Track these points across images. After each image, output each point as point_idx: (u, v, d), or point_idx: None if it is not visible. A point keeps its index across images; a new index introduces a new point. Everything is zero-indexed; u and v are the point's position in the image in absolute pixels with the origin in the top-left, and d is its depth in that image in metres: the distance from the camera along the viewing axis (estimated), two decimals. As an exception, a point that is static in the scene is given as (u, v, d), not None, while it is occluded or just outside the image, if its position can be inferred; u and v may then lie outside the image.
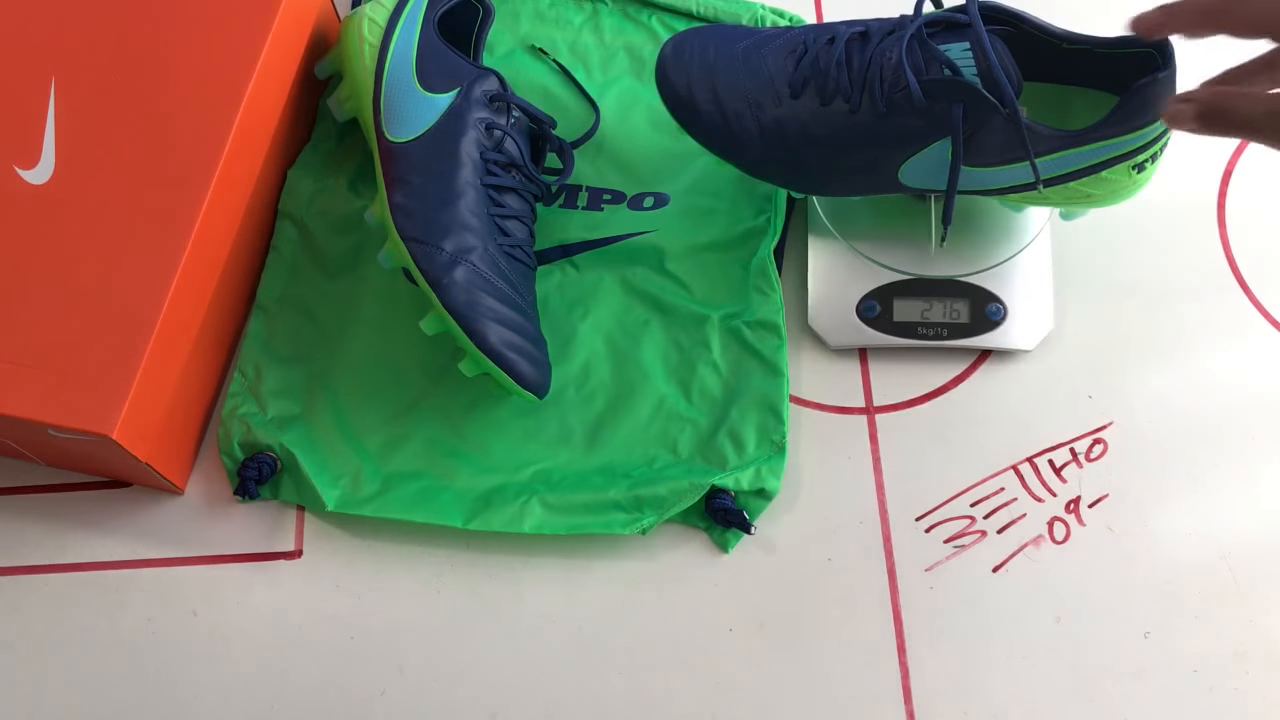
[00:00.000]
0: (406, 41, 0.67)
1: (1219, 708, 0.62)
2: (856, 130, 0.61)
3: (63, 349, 0.58)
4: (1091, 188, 0.61)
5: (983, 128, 0.59)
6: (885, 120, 0.60)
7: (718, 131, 0.64)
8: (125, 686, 0.62)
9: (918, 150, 0.61)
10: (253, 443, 0.65)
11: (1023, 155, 0.59)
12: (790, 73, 0.62)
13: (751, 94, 0.62)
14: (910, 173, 0.62)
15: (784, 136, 0.62)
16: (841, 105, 0.61)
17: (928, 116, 0.59)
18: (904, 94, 0.59)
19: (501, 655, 0.63)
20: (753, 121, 0.62)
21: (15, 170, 0.61)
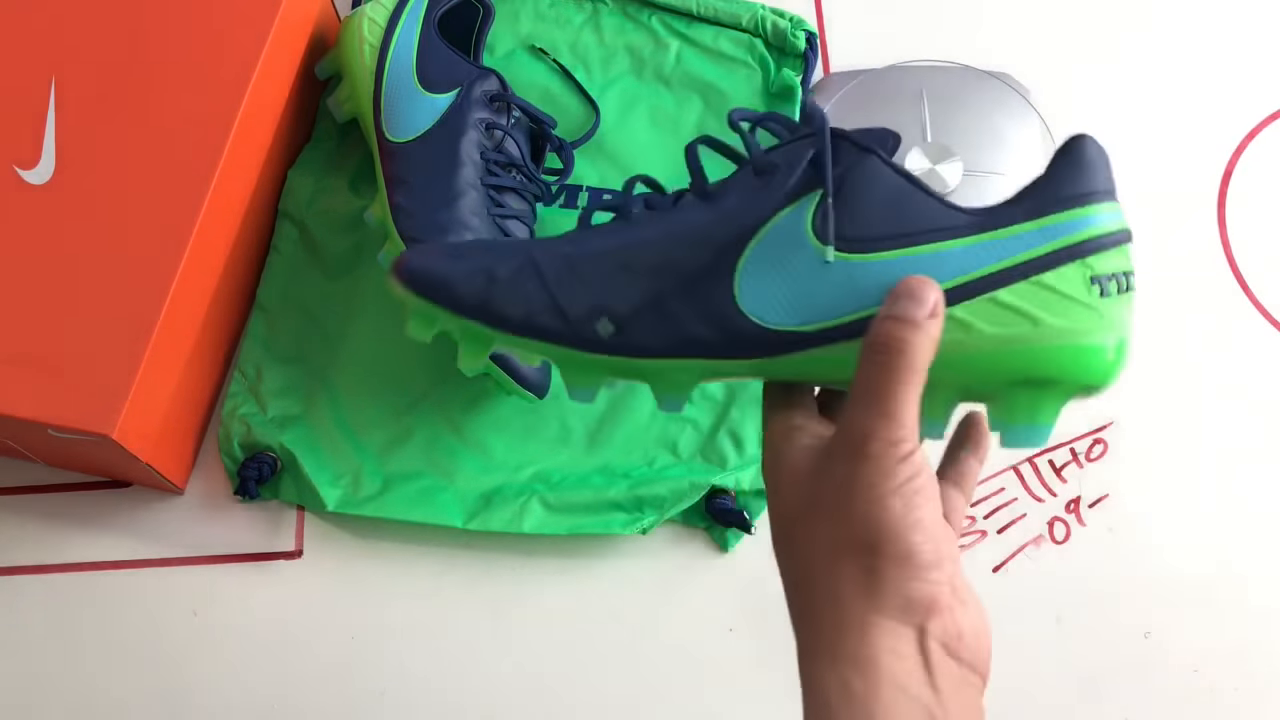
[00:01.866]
0: (406, 41, 0.67)
1: (1219, 708, 0.62)
2: (669, 224, 0.42)
3: (63, 349, 0.58)
4: (1031, 303, 0.38)
5: (851, 180, 0.40)
6: (711, 205, 0.42)
7: (474, 288, 0.43)
8: (125, 686, 0.62)
9: (758, 228, 0.40)
10: (253, 443, 0.65)
11: (925, 233, 0.39)
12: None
13: (528, 244, 0.44)
14: (752, 280, 0.40)
15: (563, 261, 0.42)
16: (650, 214, 0.43)
17: (769, 184, 0.41)
18: (744, 169, 0.43)
19: (501, 655, 0.63)
20: (519, 259, 0.43)
21: (15, 170, 0.61)
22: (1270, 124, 0.76)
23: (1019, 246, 0.38)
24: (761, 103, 0.74)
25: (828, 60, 0.77)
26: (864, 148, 0.40)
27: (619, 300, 0.41)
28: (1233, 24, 0.79)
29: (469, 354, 0.44)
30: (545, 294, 0.42)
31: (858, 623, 0.37)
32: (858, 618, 0.37)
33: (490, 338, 0.43)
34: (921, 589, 0.37)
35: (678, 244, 0.41)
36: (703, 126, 0.74)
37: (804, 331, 0.40)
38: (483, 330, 0.43)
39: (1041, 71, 0.75)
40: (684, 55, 0.76)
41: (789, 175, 0.41)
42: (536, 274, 0.42)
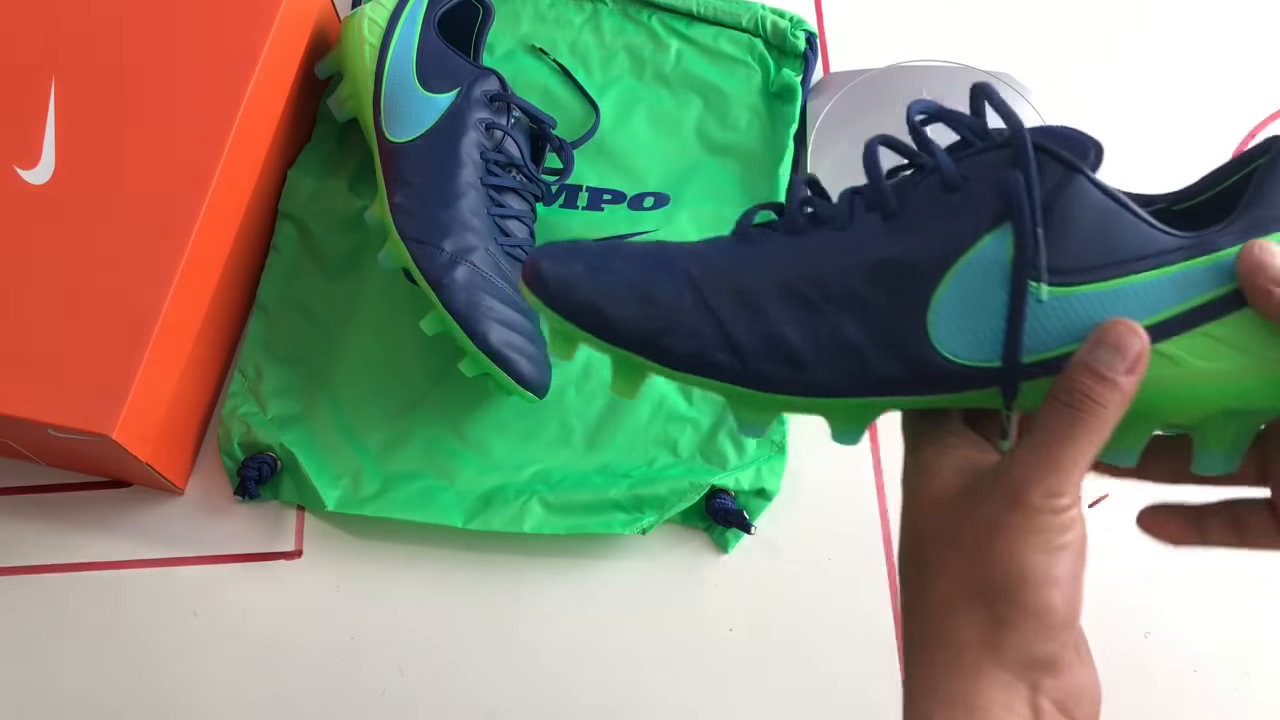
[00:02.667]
0: (406, 41, 0.67)
1: (1219, 708, 0.62)
2: (852, 249, 0.38)
3: (63, 349, 0.58)
4: (1246, 335, 0.36)
5: (1058, 205, 0.36)
6: (897, 226, 0.38)
7: (631, 314, 0.38)
8: (125, 686, 0.62)
9: (956, 258, 0.37)
10: (253, 443, 0.65)
11: (1135, 260, 0.36)
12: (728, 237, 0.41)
13: (679, 256, 0.39)
14: (948, 314, 0.37)
15: (731, 289, 0.38)
16: (819, 228, 0.39)
17: (965, 205, 0.37)
18: (927, 180, 0.38)
19: (501, 655, 0.63)
20: (679, 283, 0.38)
21: (15, 170, 0.61)
22: (1270, 124, 0.76)
23: (1233, 274, 0.35)
24: (761, 103, 0.74)
25: (828, 60, 0.77)
26: (1071, 165, 0.36)
27: (799, 336, 0.37)
28: (1233, 24, 0.79)
29: (624, 382, 0.40)
30: (715, 326, 0.38)
31: (973, 669, 0.36)
32: (974, 664, 0.36)
33: (651, 369, 0.39)
34: (1048, 648, 0.36)
35: (865, 275, 0.37)
36: (703, 126, 0.74)
37: (998, 367, 0.37)
38: (643, 363, 0.39)
39: (1041, 71, 0.75)
40: (684, 55, 0.76)
41: (987, 197, 0.36)
42: (702, 302, 0.38)
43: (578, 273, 0.38)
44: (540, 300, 0.39)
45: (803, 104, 0.74)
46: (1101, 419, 0.35)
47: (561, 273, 0.39)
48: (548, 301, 0.39)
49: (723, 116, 0.74)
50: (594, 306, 0.38)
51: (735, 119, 0.74)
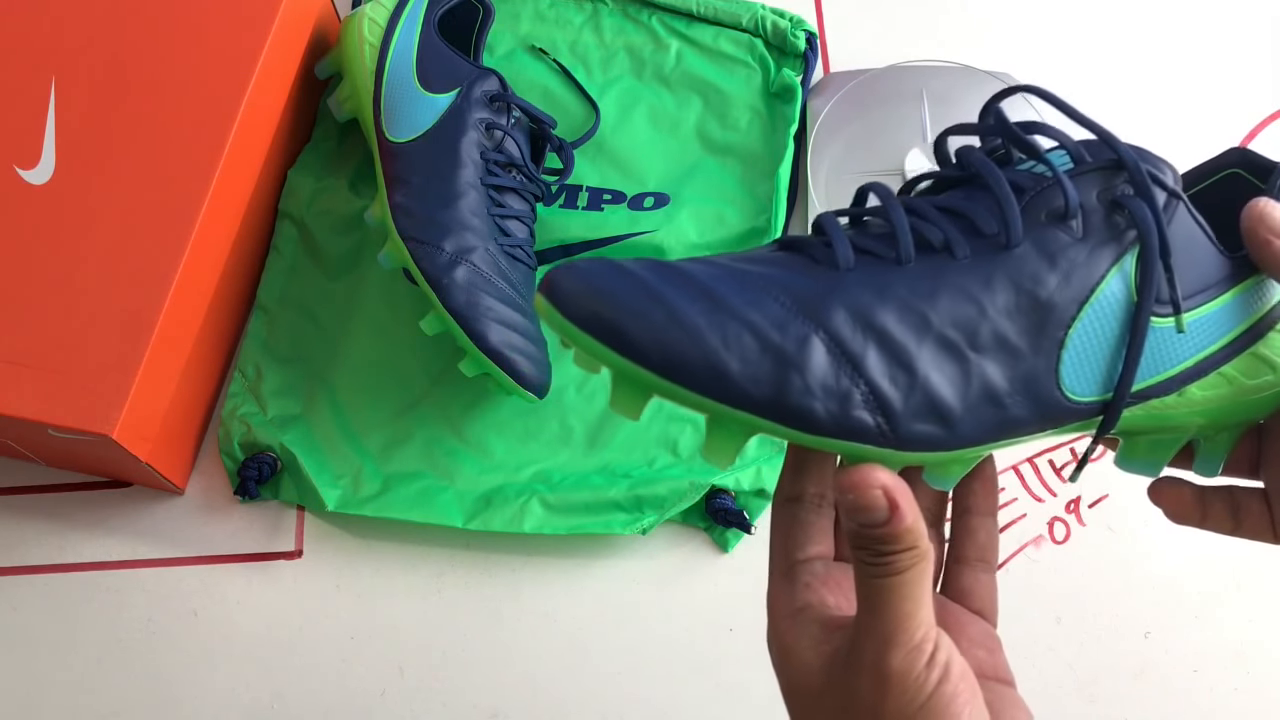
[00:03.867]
0: (406, 41, 0.67)
1: (1219, 708, 0.62)
2: (995, 283, 0.34)
3: (63, 349, 0.58)
4: (1275, 351, 0.37)
5: (1170, 233, 0.35)
6: (1028, 258, 0.35)
7: (755, 370, 0.32)
8: (125, 686, 0.62)
9: (1090, 294, 0.35)
10: (253, 443, 0.65)
11: (1215, 285, 0.36)
12: (821, 247, 0.35)
13: (781, 287, 0.33)
14: (1075, 354, 0.35)
15: (870, 331, 0.33)
16: (929, 255, 0.35)
17: (1088, 235, 0.35)
18: (1039, 199, 0.35)
19: (501, 655, 0.63)
20: (809, 325, 0.33)
21: (15, 170, 0.61)
22: (1270, 124, 0.76)
23: (1271, 292, 0.36)
24: (761, 103, 0.74)
25: (828, 60, 0.77)
26: (1174, 193, 0.35)
27: (946, 389, 0.33)
28: (1233, 24, 0.79)
29: (627, 401, 0.33)
30: (861, 383, 0.32)
31: None
32: None
33: (769, 431, 0.33)
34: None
35: (1007, 316, 0.34)
36: (703, 126, 0.74)
37: (1107, 400, 0.36)
38: (769, 426, 0.33)
39: (1041, 71, 0.75)
40: (684, 55, 0.76)
41: (1107, 227, 0.35)
42: (842, 352, 0.32)
43: (662, 320, 0.31)
44: (612, 349, 0.32)
45: (803, 104, 0.74)
46: (904, 572, 0.32)
47: (628, 307, 0.31)
48: (628, 352, 0.31)
49: (723, 116, 0.74)
50: (708, 364, 0.31)
51: (735, 119, 0.74)
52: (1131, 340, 0.35)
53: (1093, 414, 0.36)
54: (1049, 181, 0.35)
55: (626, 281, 0.32)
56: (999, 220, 0.35)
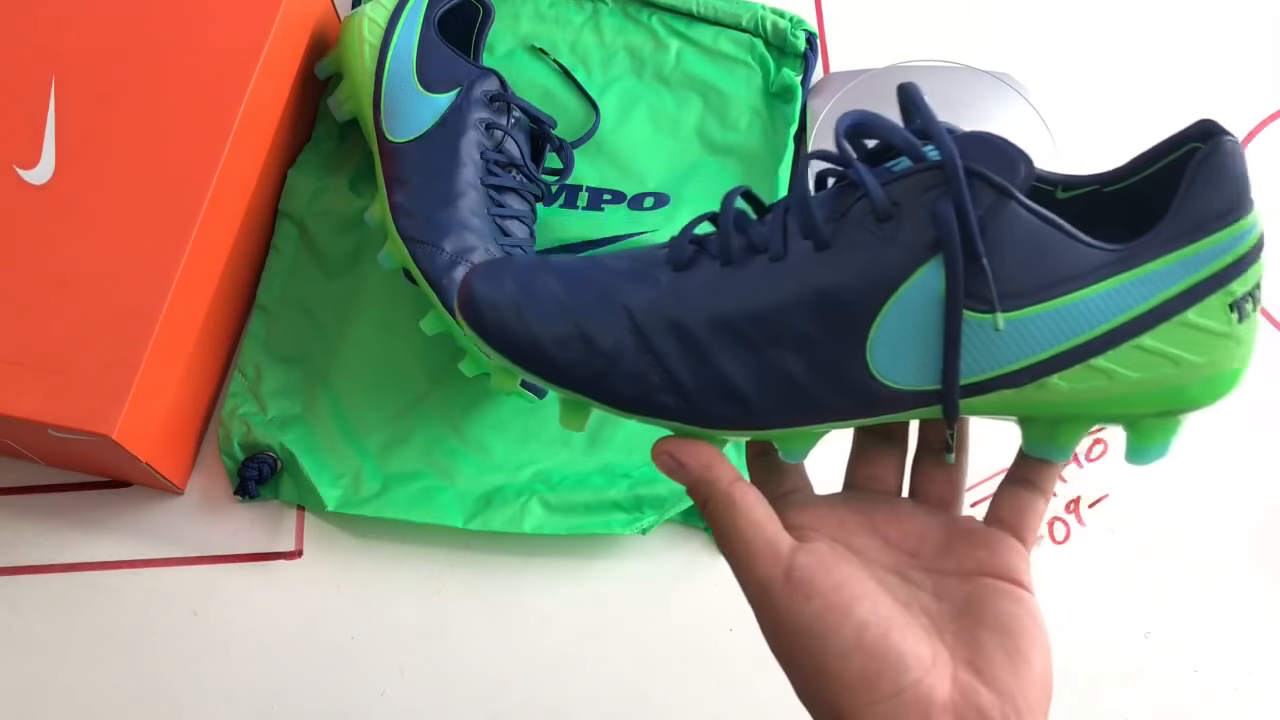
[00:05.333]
0: (406, 41, 0.67)
1: (1219, 708, 0.63)
2: (787, 285, 0.37)
3: (63, 349, 0.58)
4: (1175, 345, 0.36)
5: (992, 230, 0.36)
6: (831, 259, 0.37)
7: (575, 357, 0.38)
8: (125, 686, 0.62)
9: (892, 292, 0.37)
10: (253, 443, 0.65)
11: (1068, 280, 0.36)
12: (663, 252, 0.40)
13: (617, 288, 0.39)
14: (886, 345, 0.37)
15: (673, 330, 0.38)
16: (754, 257, 0.38)
17: (899, 235, 0.37)
18: (857, 205, 0.37)
19: (501, 655, 0.63)
20: (621, 325, 0.38)
21: (15, 170, 0.61)
22: (1270, 124, 0.76)
23: (1162, 284, 0.36)
24: (761, 103, 0.74)
25: (828, 60, 0.77)
26: (1002, 190, 0.35)
27: (742, 375, 0.38)
28: (1233, 24, 0.79)
29: (570, 415, 0.40)
30: (660, 371, 0.38)
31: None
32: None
33: (596, 408, 0.39)
34: (892, 708, 0.34)
35: (802, 312, 0.37)
36: (703, 126, 0.74)
37: (938, 390, 0.37)
38: (589, 403, 0.39)
39: (1041, 71, 0.76)
40: (684, 55, 0.76)
41: (921, 226, 0.36)
42: (645, 346, 0.38)
43: (511, 303, 0.38)
44: (479, 336, 0.39)
45: (803, 104, 0.74)
46: (716, 513, 0.39)
47: (495, 303, 0.39)
48: (488, 338, 0.39)
49: (723, 116, 0.74)
50: (537, 350, 0.38)
51: (735, 119, 0.74)
52: (946, 335, 0.36)
53: (928, 400, 0.38)
54: (859, 173, 0.37)
55: (506, 283, 0.39)
56: (823, 227, 0.38)
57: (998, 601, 0.38)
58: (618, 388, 0.38)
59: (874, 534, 0.40)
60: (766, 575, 0.37)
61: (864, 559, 0.38)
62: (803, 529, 0.39)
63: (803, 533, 0.39)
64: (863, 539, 0.39)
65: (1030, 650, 0.37)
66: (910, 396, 0.37)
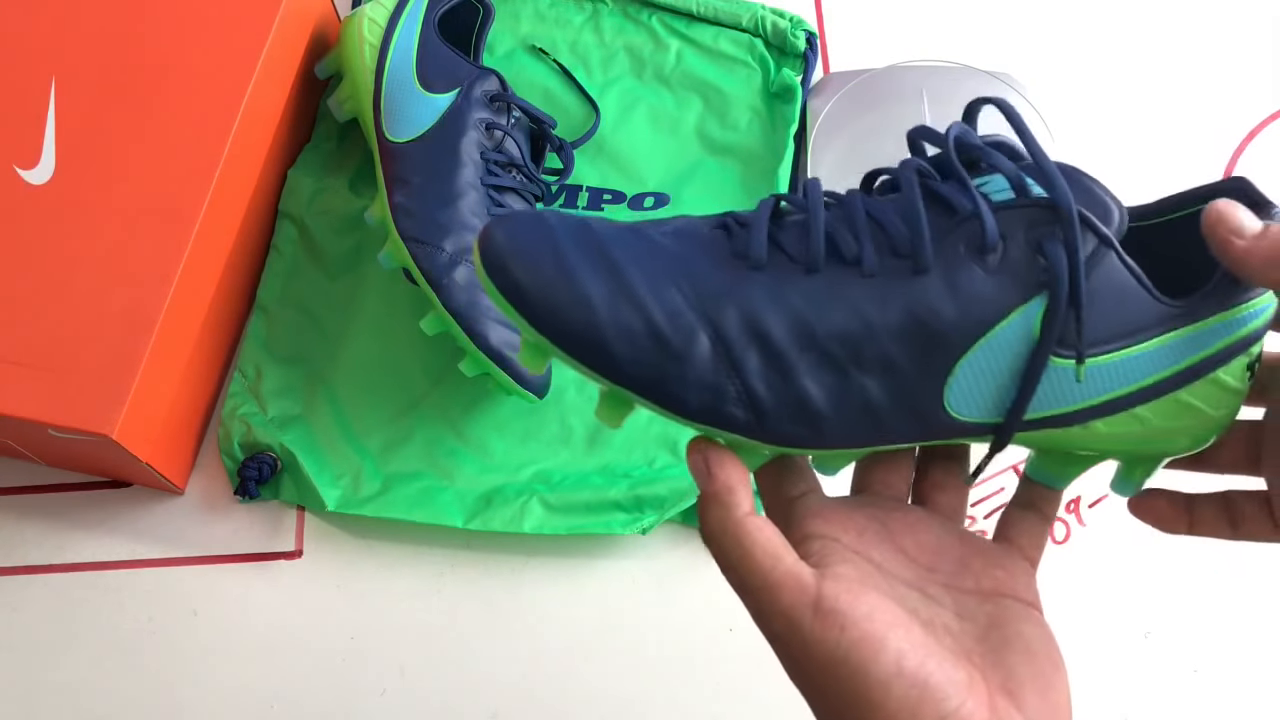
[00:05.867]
0: (406, 41, 0.67)
1: (1219, 708, 0.63)
2: (883, 308, 0.35)
3: (63, 349, 0.58)
4: (1204, 399, 0.38)
5: (1090, 279, 0.35)
6: (931, 286, 0.35)
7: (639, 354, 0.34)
8: (125, 686, 0.62)
9: (988, 329, 0.36)
10: (253, 443, 0.65)
11: (1137, 331, 0.36)
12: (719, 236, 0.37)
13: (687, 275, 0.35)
14: (965, 381, 0.36)
15: (757, 341, 0.35)
16: (841, 267, 0.36)
17: (1002, 271, 0.35)
18: (960, 229, 0.36)
19: (501, 655, 0.63)
20: (700, 322, 0.35)
21: (15, 170, 0.61)
22: (1270, 124, 0.76)
23: (1206, 342, 0.37)
24: (761, 103, 0.74)
25: (828, 60, 0.77)
26: (1105, 240, 0.35)
27: (822, 399, 0.35)
28: (1233, 24, 0.79)
29: (612, 411, 0.36)
30: (737, 382, 0.35)
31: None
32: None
33: (650, 409, 0.36)
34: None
35: (895, 339, 0.35)
36: (703, 126, 0.74)
37: (998, 424, 0.37)
38: (639, 402, 0.35)
39: (1041, 71, 0.76)
40: (684, 55, 0.76)
41: (1025, 266, 0.35)
42: (725, 354, 0.34)
43: (559, 274, 0.34)
44: (513, 305, 0.34)
45: (803, 104, 0.74)
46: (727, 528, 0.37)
47: (535, 269, 0.33)
48: (524, 310, 0.34)
49: (723, 116, 0.74)
50: (594, 338, 0.34)
51: (735, 119, 0.74)
52: (1026, 379, 0.36)
53: (983, 431, 0.37)
54: (975, 202, 0.35)
55: (544, 242, 0.34)
56: (915, 241, 0.35)
57: (1020, 625, 0.38)
58: (685, 394, 0.35)
59: (892, 545, 0.39)
60: (792, 606, 0.35)
61: (884, 573, 0.37)
62: (822, 538, 0.38)
63: (822, 542, 0.38)
64: (881, 551, 0.38)
65: (1054, 675, 0.37)
66: (970, 427, 0.37)
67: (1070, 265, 0.35)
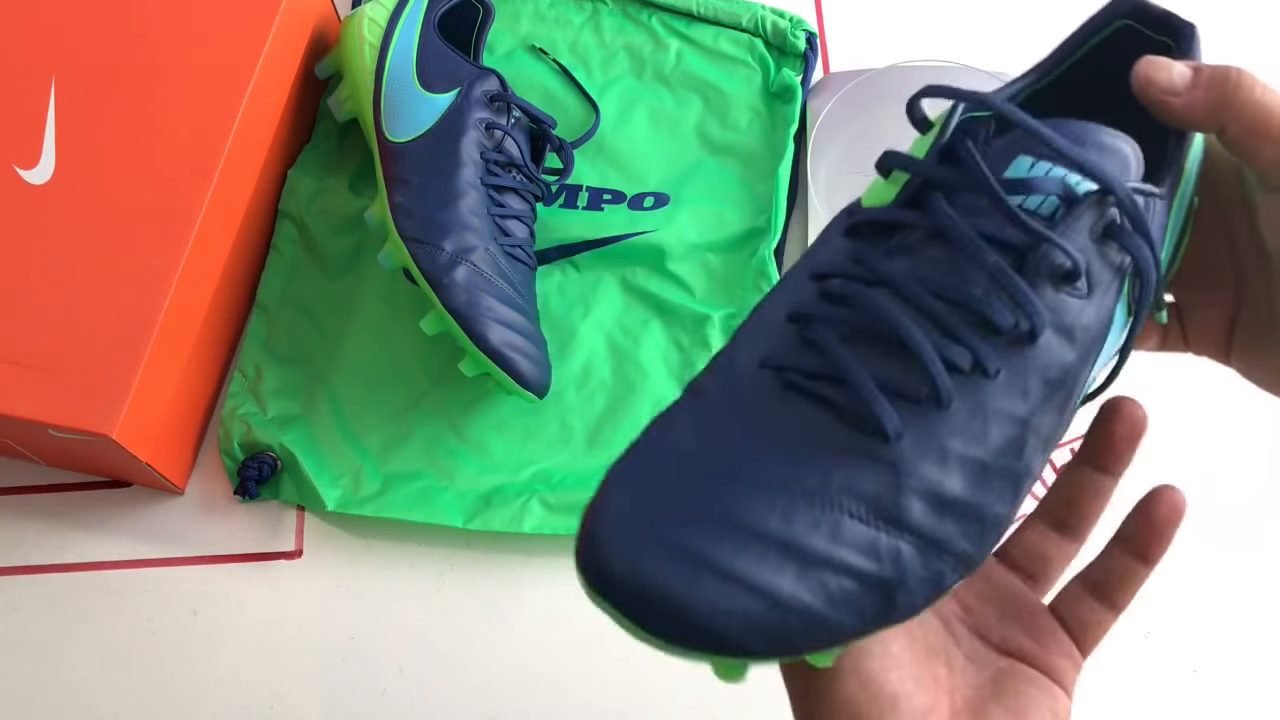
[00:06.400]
0: (406, 41, 0.67)
1: (1219, 708, 0.63)
2: (1012, 398, 0.33)
3: (63, 349, 0.58)
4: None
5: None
6: (1040, 347, 0.33)
7: (860, 606, 0.31)
8: (125, 686, 0.62)
9: (1100, 346, 0.35)
10: (253, 443, 0.65)
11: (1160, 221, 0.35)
12: (859, 412, 0.32)
13: (845, 491, 0.31)
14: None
15: (946, 510, 0.32)
16: (966, 380, 0.32)
17: (1091, 284, 0.33)
18: (1041, 264, 0.33)
19: (501, 655, 0.63)
20: (890, 531, 0.32)
21: (15, 170, 0.61)
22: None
23: (1186, 204, 0.38)
24: (761, 103, 0.74)
25: (828, 60, 0.77)
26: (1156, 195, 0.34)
27: (1007, 509, 0.34)
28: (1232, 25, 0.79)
29: (735, 673, 0.31)
30: (949, 559, 0.32)
31: None
32: None
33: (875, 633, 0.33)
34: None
35: (1042, 411, 0.33)
36: (703, 126, 0.74)
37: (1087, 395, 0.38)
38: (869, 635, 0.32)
39: (1041, 71, 0.75)
40: (684, 55, 0.76)
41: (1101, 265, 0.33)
42: (929, 542, 0.32)
43: (760, 610, 0.29)
44: (713, 652, 0.29)
45: (803, 104, 0.74)
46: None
47: (735, 616, 0.29)
48: (746, 653, 0.29)
49: (723, 116, 0.74)
50: (823, 631, 0.30)
51: (735, 119, 0.74)
52: (1121, 355, 0.36)
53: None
54: (1043, 237, 0.32)
55: (681, 563, 0.29)
56: (1011, 308, 0.32)
57: (1027, 687, 0.36)
58: (913, 604, 0.31)
59: None
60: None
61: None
62: None
63: None
64: None
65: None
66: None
67: (1150, 251, 0.33)
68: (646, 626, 0.29)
